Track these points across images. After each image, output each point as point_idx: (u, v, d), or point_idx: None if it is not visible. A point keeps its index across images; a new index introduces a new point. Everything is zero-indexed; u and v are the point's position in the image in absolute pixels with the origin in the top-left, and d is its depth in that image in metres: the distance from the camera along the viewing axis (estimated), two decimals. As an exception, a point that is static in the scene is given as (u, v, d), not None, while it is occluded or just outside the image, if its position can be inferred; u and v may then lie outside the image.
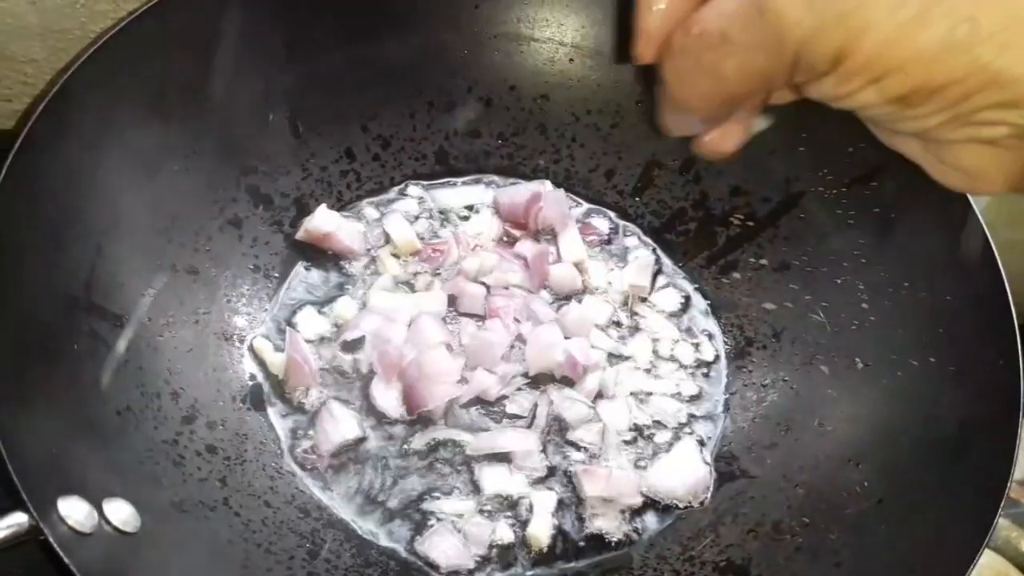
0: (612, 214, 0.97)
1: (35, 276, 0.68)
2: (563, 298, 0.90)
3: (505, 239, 0.94)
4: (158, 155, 0.81)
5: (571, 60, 0.96)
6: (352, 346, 0.84)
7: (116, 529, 0.61)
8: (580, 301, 0.90)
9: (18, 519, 0.55)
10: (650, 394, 0.86)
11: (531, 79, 0.97)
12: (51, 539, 0.55)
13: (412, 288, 0.89)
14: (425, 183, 0.96)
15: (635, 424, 0.83)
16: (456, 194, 0.96)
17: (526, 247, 0.91)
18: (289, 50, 0.88)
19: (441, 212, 0.95)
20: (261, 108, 0.88)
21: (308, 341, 0.83)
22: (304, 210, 0.90)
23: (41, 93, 0.92)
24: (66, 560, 0.54)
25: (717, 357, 0.89)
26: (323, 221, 0.88)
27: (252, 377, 0.81)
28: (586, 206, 0.97)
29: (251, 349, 0.82)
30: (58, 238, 0.71)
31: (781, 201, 0.91)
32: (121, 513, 0.62)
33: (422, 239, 0.92)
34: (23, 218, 0.68)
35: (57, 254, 0.71)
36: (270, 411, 0.79)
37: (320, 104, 0.90)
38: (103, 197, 0.76)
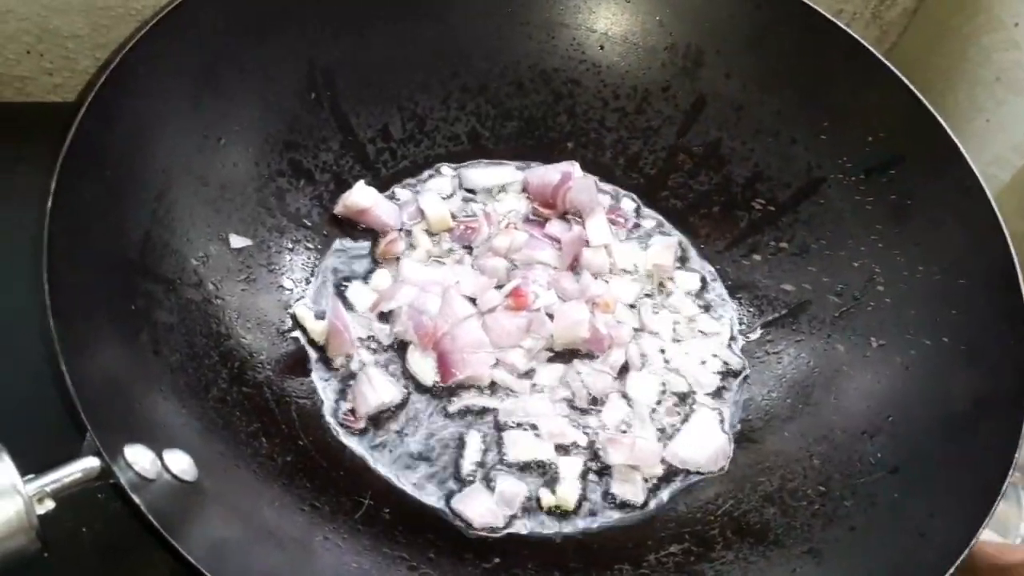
0: (637, 197, 1.00)
1: (99, 238, 0.72)
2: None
3: (533, 217, 0.97)
4: (206, 128, 0.85)
5: (601, 47, 1.00)
6: (388, 316, 0.87)
7: (176, 477, 0.64)
8: (607, 281, 0.93)
9: (90, 463, 0.59)
10: (673, 368, 0.89)
11: (561, 64, 1.00)
12: (122, 481, 0.58)
13: (443, 264, 0.93)
14: (456, 164, 0.99)
15: (659, 396, 0.87)
16: (487, 174, 1.00)
17: (559, 228, 0.95)
18: (331, 31, 0.92)
19: (472, 191, 0.98)
20: (304, 86, 0.91)
21: (350, 310, 0.87)
22: (343, 186, 0.93)
23: (102, 65, 0.95)
24: (136, 500, 0.58)
25: (736, 335, 0.93)
26: (361, 197, 0.92)
27: (296, 342, 0.84)
28: (612, 189, 1.01)
29: (293, 317, 0.86)
30: (117, 204, 0.75)
31: (802, 187, 0.95)
32: (181, 463, 0.65)
33: (454, 217, 0.95)
34: (87, 183, 0.71)
35: (117, 219, 0.74)
36: (313, 375, 0.83)
37: (360, 84, 0.94)
38: (157, 167, 0.80)
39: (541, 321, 0.88)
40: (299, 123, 0.91)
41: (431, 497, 0.78)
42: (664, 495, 0.82)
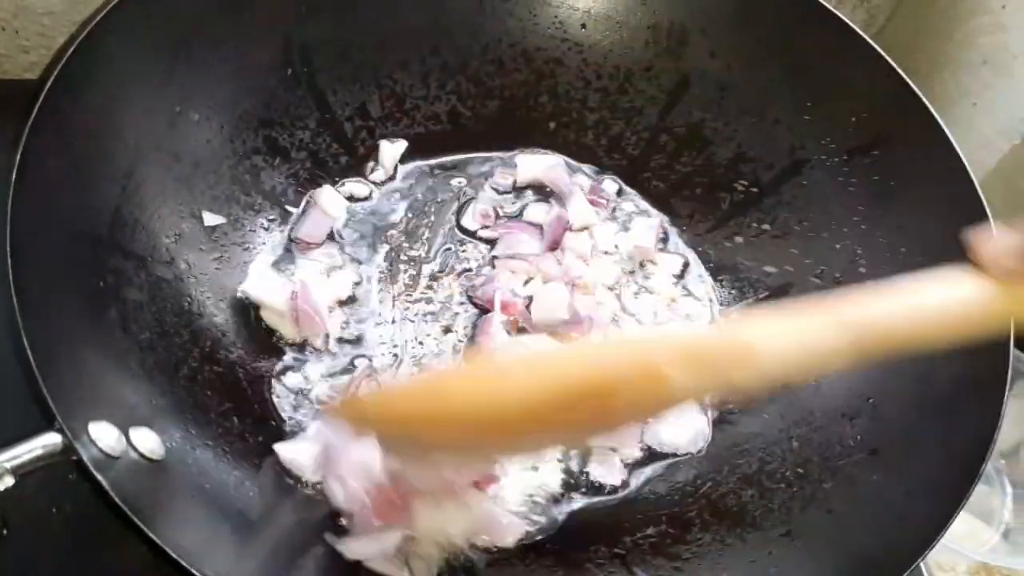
0: (619, 178, 0.99)
1: (65, 213, 0.70)
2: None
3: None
4: (179, 104, 0.83)
5: (583, 25, 0.98)
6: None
7: (142, 455, 0.63)
8: (587, 262, 0.92)
9: (52, 439, 0.57)
10: (653, 350, 0.88)
11: (543, 43, 0.99)
12: (84, 458, 0.57)
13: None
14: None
15: (638, 378, 0.86)
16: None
17: (540, 213, 0.94)
18: (308, 6, 0.90)
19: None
20: (280, 62, 0.90)
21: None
22: (319, 164, 0.92)
23: (70, 38, 0.93)
24: (99, 478, 0.57)
25: (718, 317, 0.92)
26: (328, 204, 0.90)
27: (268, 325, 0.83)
28: (594, 170, 1.00)
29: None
30: (85, 179, 0.73)
31: (785, 168, 0.93)
32: (147, 442, 0.64)
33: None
34: (53, 156, 0.70)
35: (84, 194, 0.73)
36: (286, 357, 0.82)
37: (337, 60, 0.92)
38: (127, 142, 0.78)
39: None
40: (275, 100, 0.90)
41: (407, 478, 0.77)
42: (642, 477, 0.81)
